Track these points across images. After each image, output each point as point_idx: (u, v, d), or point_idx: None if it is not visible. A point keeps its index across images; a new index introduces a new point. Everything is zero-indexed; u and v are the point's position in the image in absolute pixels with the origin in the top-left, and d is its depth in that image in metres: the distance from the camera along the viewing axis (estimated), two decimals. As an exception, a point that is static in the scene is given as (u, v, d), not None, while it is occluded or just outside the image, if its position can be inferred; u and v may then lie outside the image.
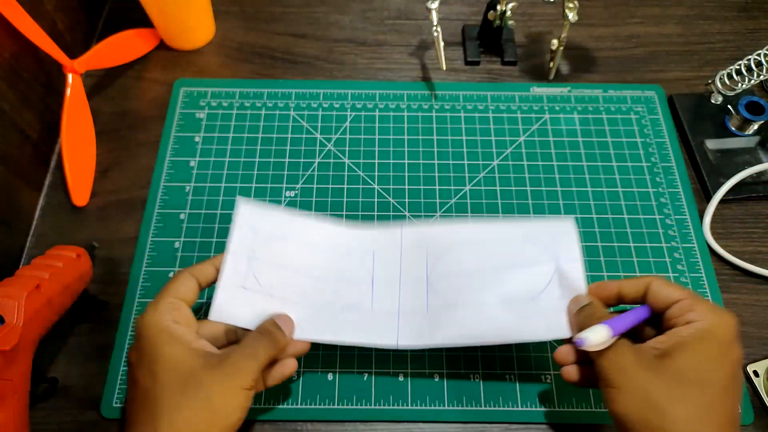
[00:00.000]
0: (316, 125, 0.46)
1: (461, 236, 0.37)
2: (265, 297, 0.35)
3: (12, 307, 0.30)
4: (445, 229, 0.38)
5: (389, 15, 0.53)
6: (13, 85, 0.40)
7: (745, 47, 0.51)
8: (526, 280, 0.35)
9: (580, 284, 0.34)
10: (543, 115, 0.47)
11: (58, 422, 0.35)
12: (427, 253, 0.37)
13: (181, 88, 0.48)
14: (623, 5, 0.54)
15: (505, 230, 0.37)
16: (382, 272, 0.37)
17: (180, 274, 0.32)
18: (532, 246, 0.36)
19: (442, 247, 0.37)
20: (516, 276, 0.35)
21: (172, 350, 0.29)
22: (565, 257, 0.35)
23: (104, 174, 0.44)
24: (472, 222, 0.40)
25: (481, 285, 0.35)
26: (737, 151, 0.45)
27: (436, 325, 0.34)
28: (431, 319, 0.35)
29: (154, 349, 0.29)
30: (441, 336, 0.34)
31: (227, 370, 0.29)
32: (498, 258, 0.36)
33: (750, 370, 0.37)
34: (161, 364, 0.28)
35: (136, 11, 0.48)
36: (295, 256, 0.37)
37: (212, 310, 0.33)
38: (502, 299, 0.35)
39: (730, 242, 0.42)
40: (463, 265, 0.36)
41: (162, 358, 0.28)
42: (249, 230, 0.36)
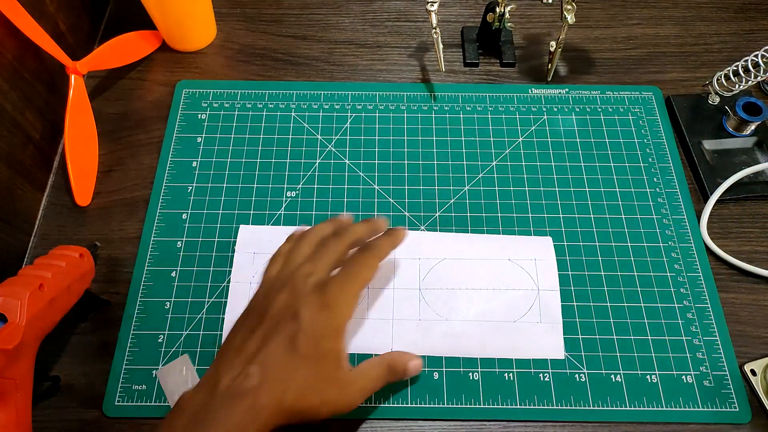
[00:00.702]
0: (316, 126, 0.47)
1: (451, 251, 0.40)
2: None
3: (15, 306, 0.30)
4: (437, 240, 0.41)
5: (389, 17, 0.54)
6: (16, 86, 0.40)
7: (742, 48, 0.51)
8: (510, 302, 0.39)
9: (557, 313, 0.38)
10: (541, 116, 0.47)
11: (61, 421, 0.36)
12: (419, 264, 0.40)
13: (182, 89, 0.49)
14: (621, 7, 0.54)
15: (493, 251, 0.40)
16: (376, 280, 0.39)
17: None
18: (517, 270, 0.40)
19: (433, 260, 0.40)
20: (500, 297, 0.39)
21: None
22: (545, 286, 0.39)
23: (107, 174, 0.45)
24: (462, 236, 0.41)
25: (468, 302, 0.39)
26: (734, 152, 0.46)
27: (427, 336, 0.37)
28: (423, 328, 0.38)
29: (341, 322, 0.32)
30: (430, 347, 0.37)
31: None
32: (485, 278, 0.39)
33: (747, 369, 0.37)
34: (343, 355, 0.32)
35: (138, 13, 0.49)
36: None
37: None
38: (487, 318, 0.38)
39: (728, 242, 0.42)
40: (452, 280, 0.39)
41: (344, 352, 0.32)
42: (248, 255, 0.39)
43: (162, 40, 0.51)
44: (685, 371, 0.37)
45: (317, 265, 0.33)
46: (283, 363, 0.29)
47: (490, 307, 0.38)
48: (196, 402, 0.29)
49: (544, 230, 0.42)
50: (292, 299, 0.32)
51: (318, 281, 0.32)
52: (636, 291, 0.40)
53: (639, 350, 0.38)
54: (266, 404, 0.28)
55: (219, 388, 0.29)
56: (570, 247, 0.41)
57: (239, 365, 0.29)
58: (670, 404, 0.36)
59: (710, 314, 0.39)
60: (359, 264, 0.33)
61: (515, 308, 0.38)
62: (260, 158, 0.45)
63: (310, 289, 0.32)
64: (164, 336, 0.38)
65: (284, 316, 0.31)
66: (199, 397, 0.29)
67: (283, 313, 0.31)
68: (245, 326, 0.32)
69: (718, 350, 0.38)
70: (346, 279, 0.33)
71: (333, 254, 0.34)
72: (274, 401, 0.29)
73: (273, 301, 0.32)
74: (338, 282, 0.32)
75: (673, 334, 0.38)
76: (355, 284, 0.32)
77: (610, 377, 0.37)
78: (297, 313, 0.31)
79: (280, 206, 0.43)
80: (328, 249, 0.34)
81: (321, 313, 0.31)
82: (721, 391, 0.36)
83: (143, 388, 0.36)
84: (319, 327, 0.31)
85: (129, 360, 0.37)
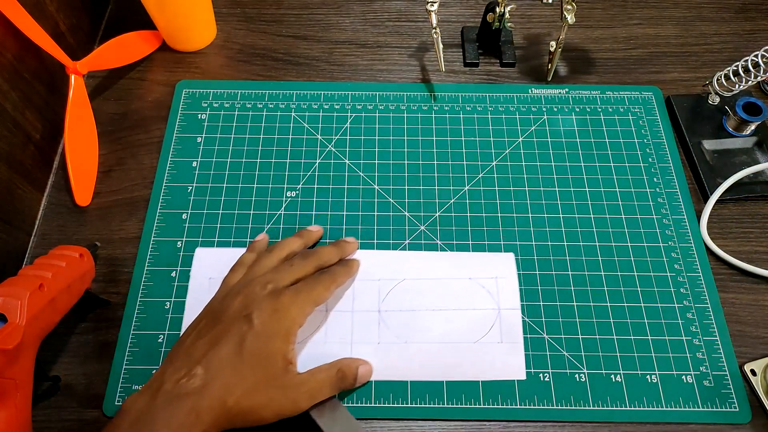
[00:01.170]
0: (316, 126, 0.47)
1: (411, 271, 0.40)
2: None
3: (15, 306, 0.30)
4: (397, 260, 0.40)
5: (389, 17, 0.54)
6: (16, 86, 0.40)
7: (742, 48, 0.51)
8: (470, 323, 0.38)
9: (518, 332, 0.38)
10: (541, 116, 0.47)
11: (61, 421, 0.36)
12: (379, 285, 0.39)
13: (183, 89, 0.49)
14: (621, 7, 0.54)
15: (453, 270, 0.40)
16: (335, 302, 0.39)
17: None
18: (477, 289, 0.39)
19: (393, 281, 0.40)
20: (460, 318, 0.38)
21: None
22: (506, 304, 0.38)
23: (107, 174, 0.45)
24: (422, 255, 0.41)
25: (429, 324, 0.38)
26: (734, 152, 0.46)
27: (386, 359, 0.37)
28: (383, 351, 0.37)
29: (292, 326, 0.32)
30: (390, 371, 0.36)
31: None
32: (445, 299, 0.39)
33: (747, 369, 0.37)
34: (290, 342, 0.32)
35: (138, 13, 0.49)
36: None
37: None
38: (448, 339, 0.37)
39: (728, 242, 0.42)
40: (412, 301, 0.39)
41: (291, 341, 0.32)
42: (204, 279, 0.39)
43: (162, 40, 0.51)
44: (685, 371, 0.37)
45: (278, 276, 0.34)
46: (229, 364, 0.30)
47: (450, 328, 0.38)
48: (140, 404, 0.29)
49: (544, 230, 0.42)
50: (247, 302, 0.33)
51: (274, 288, 0.33)
52: (636, 291, 0.40)
53: (639, 350, 0.38)
54: (209, 405, 0.29)
55: (163, 390, 0.29)
56: (570, 247, 0.41)
57: (185, 367, 0.30)
58: (670, 404, 0.36)
59: (710, 314, 0.39)
60: (316, 281, 0.35)
61: (476, 329, 0.38)
62: (260, 158, 0.45)
63: (266, 294, 0.33)
64: (164, 336, 0.38)
65: (237, 319, 0.32)
66: (143, 399, 0.29)
67: (236, 316, 0.32)
68: (196, 330, 0.33)
69: (718, 350, 0.38)
70: (301, 289, 0.34)
71: (298, 272, 0.35)
72: (218, 402, 0.29)
73: (228, 305, 0.33)
74: (293, 290, 0.34)
75: (673, 334, 0.38)
76: (310, 295, 0.34)
77: (610, 377, 0.37)
78: (249, 316, 0.32)
79: (280, 206, 0.43)
80: (294, 266, 0.35)
81: (272, 315, 0.32)
82: (721, 391, 0.36)
83: (141, 389, 0.36)
84: (269, 329, 0.31)
85: (129, 360, 0.37)
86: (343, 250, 0.39)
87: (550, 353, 0.38)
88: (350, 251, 0.40)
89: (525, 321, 0.39)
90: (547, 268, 0.40)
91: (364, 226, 0.42)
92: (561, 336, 0.38)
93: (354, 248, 0.40)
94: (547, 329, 0.38)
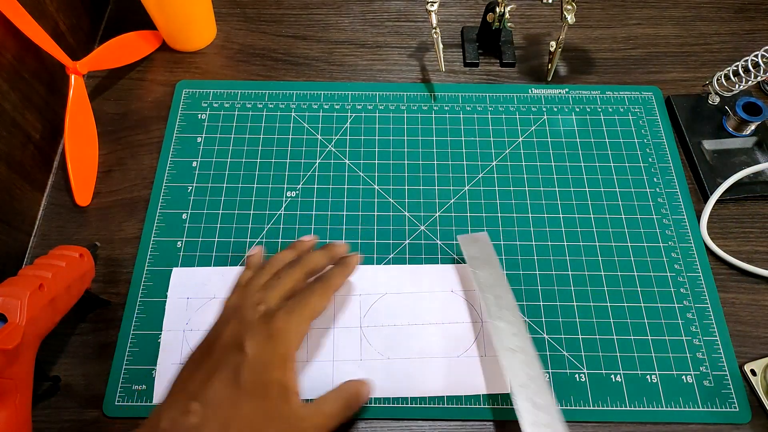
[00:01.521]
0: (316, 126, 0.47)
1: (392, 285, 0.39)
2: None
3: (15, 306, 0.30)
4: (378, 274, 0.40)
5: (389, 17, 0.54)
6: (16, 86, 0.40)
7: (742, 48, 0.51)
8: (453, 337, 0.37)
9: None
10: (541, 116, 0.47)
11: (60, 421, 0.36)
12: (360, 300, 0.39)
13: (182, 89, 0.49)
14: (621, 7, 0.54)
15: (435, 282, 0.39)
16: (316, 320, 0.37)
17: None
18: (460, 302, 0.39)
19: (374, 295, 0.39)
20: (443, 332, 0.38)
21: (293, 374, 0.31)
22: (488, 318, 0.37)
23: (107, 174, 0.45)
24: (404, 268, 0.40)
25: (410, 339, 0.37)
26: (734, 152, 0.46)
27: (369, 377, 0.36)
28: (365, 369, 0.36)
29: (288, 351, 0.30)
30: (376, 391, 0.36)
31: None
32: (427, 312, 0.38)
33: (747, 369, 0.37)
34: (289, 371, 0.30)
35: (138, 13, 0.49)
36: None
37: (155, 394, 0.35)
38: (429, 354, 0.37)
39: (728, 242, 0.42)
40: (394, 315, 0.38)
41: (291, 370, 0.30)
42: (181, 299, 0.38)
43: (162, 40, 0.51)
44: (685, 371, 0.37)
45: (268, 294, 0.32)
46: (226, 398, 0.28)
47: (432, 343, 0.37)
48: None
49: (544, 230, 0.42)
50: (238, 329, 0.30)
51: (267, 310, 0.31)
52: (636, 291, 0.40)
53: (639, 350, 0.38)
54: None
55: (160, 429, 0.27)
56: (570, 247, 0.41)
57: (182, 402, 0.28)
58: (670, 404, 0.36)
59: (710, 314, 0.39)
60: (310, 293, 0.33)
61: (458, 343, 0.37)
62: (260, 158, 0.45)
63: (258, 318, 0.31)
64: (163, 334, 0.38)
65: (230, 348, 0.30)
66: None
67: (229, 345, 0.30)
68: (193, 360, 0.31)
69: (718, 350, 0.38)
70: (295, 307, 0.31)
71: (287, 283, 0.33)
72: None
73: (221, 333, 0.31)
74: (286, 310, 0.31)
75: (673, 334, 0.38)
76: (303, 312, 0.31)
77: (610, 377, 0.37)
78: (242, 344, 0.29)
79: (280, 206, 0.43)
80: (282, 278, 0.33)
81: (267, 342, 0.30)
82: (721, 391, 0.36)
83: (143, 388, 0.36)
84: (265, 357, 0.29)
85: (129, 360, 0.37)
86: (332, 253, 0.36)
87: (550, 353, 0.38)
88: (339, 254, 0.37)
89: (525, 321, 0.39)
90: (547, 268, 0.40)
91: (364, 226, 0.42)
92: (561, 336, 0.38)
93: (343, 251, 0.37)
94: (547, 329, 0.38)
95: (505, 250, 0.41)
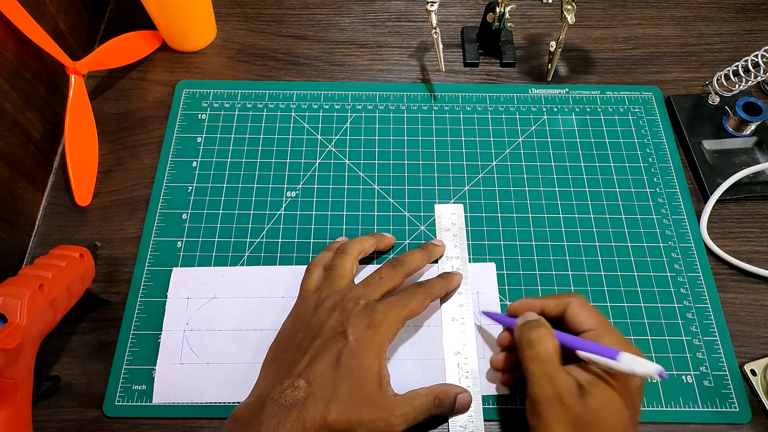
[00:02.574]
0: (316, 126, 0.47)
1: None
2: (203, 366, 0.36)
3: (15, 306, 0.30)
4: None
5: (389, 17, 0.54)
6: (16, 85, 0.40)
7: (742, 48, 0.51)
8: (451, 338, 0.37)
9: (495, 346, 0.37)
10: (541, 116, 0.47)
11: (61, 421, 0.36)
12: None
13: (183, 89, 0.49)
14: (621, 7, 0.54)
15: None
16: None
17: None
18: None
19: None
20: (443, 332, 0.38)
21: None
22: (486, 320, 0.38)
23: (107, 174, 0.45)
24: None
25: (410, 339, 0.37)
26: (734, 152, 0.46)
27: None
28: None
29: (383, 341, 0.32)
30: None
31: None
32: (426, 313, 0.38)
33: (747, 369, 0.37)
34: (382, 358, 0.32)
35: (138, 13, 0.49)
36: (227, 315, 0.38)
37: (154, 394, 0.36)
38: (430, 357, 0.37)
39: (728, 242, 0.42)
40: None
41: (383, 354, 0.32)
42: (181, 300, 0.38)
43: (162, 40, 0.51)
44: (685, 371, 0.37)
45: (368, 290, 0.35)
46: (327, 379, 0.31)
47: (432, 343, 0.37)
48: (249, 412, 0.30)
49: (544, 230, 0.42)
50: (342, 319, 0.33)
51: (367, 303, 0.33)
52: (636, 291, 0.40)
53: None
54: (312, 416, 0.29)
55: (270, 399, 0.30)
56: (570, 247, 0.41)
57: (289, 379, 0.31)
58: (670, 404, 0.36)
59: (710, 314, 0.39)
60: (411, 295, 0.35)
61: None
62: (260, 158, 0.45)
63: (360, 310, 0.33)
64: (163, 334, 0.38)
65: (334, 334, 0.32)
66: (253, 407, 0.30)
67: (333, 332, 0.33)
68: (294, 342, 0.34)
69: (718, 350, 0.38)
70: (395, 303, 0.34)
71: (388, 284, 0.35)
72: (320, 414, 0.29)
73: (324, 321, 0.33)
74: (387, 304, 0.33)
75: (673, 334, 0.38)
76: (403, 310, 0.34)
77: (610, 377, 0.37)
78: (345, 332, 0.32)
79: (280, 206, 0.43)
80: (384, 279, 0.35)
81: (366, 330, 0.32)
82: (721, 391, 0.36)
83: (143, 388, 0.36)
84: (363, 344, 0.32)
85: (129, 360, 0.37)
86: (431, 254, 0.39)
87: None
88: (438, 254, 0.39)
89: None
90: (547, 268, 0.41)
91: (364, 226, 0.42)
92: (561, 336, 0.38)
93: (442, 250, 0.40)
94: (547, 329, 0.38)
95: (505, 250, 0.41)
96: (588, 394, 0.29)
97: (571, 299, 0.33)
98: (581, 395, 0.29)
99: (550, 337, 0.31)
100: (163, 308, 0.39)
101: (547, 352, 0.30)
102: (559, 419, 0.29)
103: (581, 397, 0.29)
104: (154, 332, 0.38)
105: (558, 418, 0.29)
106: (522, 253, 0.41)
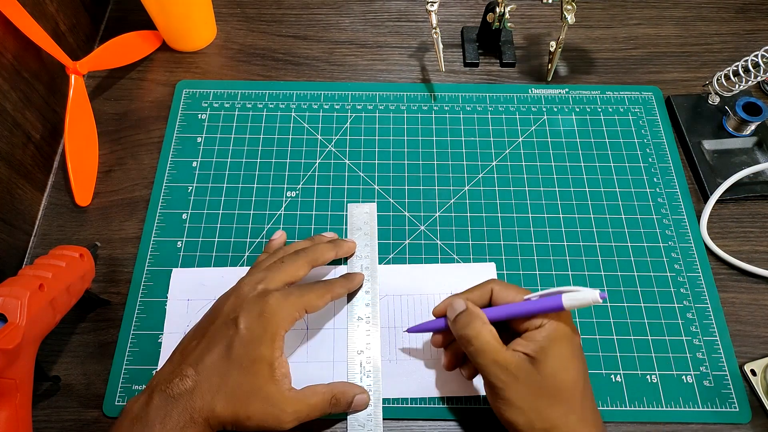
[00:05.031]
0: (316, 126, 0.47)
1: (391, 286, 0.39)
2: None
3: (15, 306, 0.30)
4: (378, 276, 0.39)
5: (389, 17, 0.54)
6: (16, 86, 0.40)
7: (742, 48, 0.51)
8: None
9: None
10: (541, 116, 0.47)
11: (61, 421, 0.36)
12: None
13: (183, 89, 0.49)
14: (621, 7, 0.54)
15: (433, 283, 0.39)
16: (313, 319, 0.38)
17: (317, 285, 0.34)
18: None
19: None
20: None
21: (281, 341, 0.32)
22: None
23: (107, 174, 0.45)
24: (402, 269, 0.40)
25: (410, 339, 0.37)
26: (734, 152, 0.46)
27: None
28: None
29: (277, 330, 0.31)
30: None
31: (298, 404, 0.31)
32: (426, 313, 0.38)
33: (747, 369, 0.37)
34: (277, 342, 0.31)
35: (138, 13, 0.49)
36: None
37: None
38: (428, 356, 0.37)
39: (727, 242, 0.42)
40: (395, 318, 0.38)
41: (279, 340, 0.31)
42: (181, 303, 0.38)
43: (162, 40, 0.51)
44: (685, 371, 0.37)
45: (269, 275, 0.33)
46: (217, 369, 0.30)
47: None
48: (139, 404, 0.29)
49: (544, 230, 0.42)
50: (236, 305, 0.32)
51: (264, 290, 0.32)
52: (636, 291, 0.40)
53: (639, 350, 0.38)
54: (200, 407, 0.29)
55: (158, 389, 0.29)
56: (570, 247, 0.41)
57: (179, 367, 0.30)
58: (670, 404, 0.36)
59: (710, 314, 0.39)
60: (309, 287, 0.34)
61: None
62: (260, 158, 0.45)
63: (254, 296, 0.32)
64: (164, 336, 0.38)
65: (226, 321, 0.31)
66: (143, 398, 0.30)
67: (225, 319, 0.32)
68: (193, 329, 0.33)
69: (718, 350, 0.38)
70: (293, 291, 0.33)
71: (289, 269, 0.34)
72: (207, 405, 0.29)
73: (221, 306, 0.33)
74: (283, 293, 0.32)
75: (673, 334, 0.38)
76: (299, 300, 0.32)
77: (610, 377, 0.37)
78: (236, 319, 0.31)
79: (280, 206, 0.43)
80: (285, 263, 0.34)
81: (259, 319, 0.31)
82: (721, 391, 0.36)
83: (143, 388, 0.36)
84: (254, 333, 0.31)
85: (129, 360, 0.37)
86: (339, 248, 0.38)
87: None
88: (347, 250, 0.39)
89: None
90: (547, 268, 0.41)
91: (364, 226, 0.42)
92: (561, 336, 0.38)
93: (351, 248, 0.39)
94: (547, 329, 0.38)
95: (505, 250, 0.41)
96: (539, 363, 0.29)
97: (491, 285, 0.33)
98: (534, 365, 0.29)
99: (484, 326, 0.30)
100: (163, 308, 0.39)
101: (487, 342, 0.30)
102: (522, 396, 0.29)
103: (535, 367, 0.29)
104: (154, 332, 0.38)
105: (520, 396, 0.29)
106: (522, 253, 0.41)
